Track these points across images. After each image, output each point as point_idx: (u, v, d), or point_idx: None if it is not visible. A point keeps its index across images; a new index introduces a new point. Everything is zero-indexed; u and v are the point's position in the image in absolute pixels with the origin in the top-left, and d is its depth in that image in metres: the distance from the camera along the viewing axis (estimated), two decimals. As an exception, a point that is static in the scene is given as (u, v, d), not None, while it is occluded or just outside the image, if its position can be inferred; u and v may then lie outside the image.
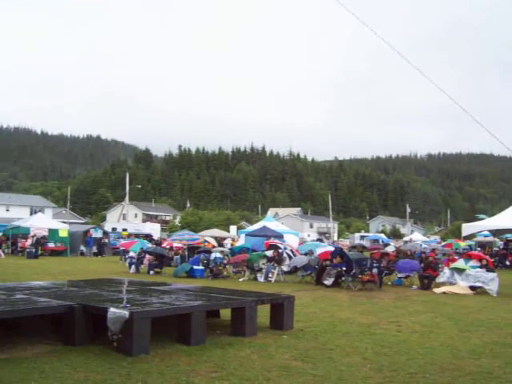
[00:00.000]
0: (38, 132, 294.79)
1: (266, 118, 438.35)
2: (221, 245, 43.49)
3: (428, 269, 23.36)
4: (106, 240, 50.74)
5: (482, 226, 40.69)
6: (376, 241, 77.11)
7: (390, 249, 33.68)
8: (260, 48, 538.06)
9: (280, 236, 37.17)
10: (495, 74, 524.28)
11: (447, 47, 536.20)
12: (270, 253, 27.00)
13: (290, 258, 27.17)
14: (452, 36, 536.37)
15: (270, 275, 24.90)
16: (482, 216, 72.85)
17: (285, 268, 25.92)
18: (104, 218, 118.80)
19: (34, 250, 41.37)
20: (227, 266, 27.82)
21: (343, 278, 22.45)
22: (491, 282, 21.15)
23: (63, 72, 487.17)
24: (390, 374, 8.47)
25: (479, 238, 53.42)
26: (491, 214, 53.09)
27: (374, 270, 22.32)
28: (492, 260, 32.89)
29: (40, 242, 44.24)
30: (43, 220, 50.84)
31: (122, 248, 39.85)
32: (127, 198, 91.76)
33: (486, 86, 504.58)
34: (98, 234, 50.93)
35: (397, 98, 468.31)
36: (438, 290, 21.36)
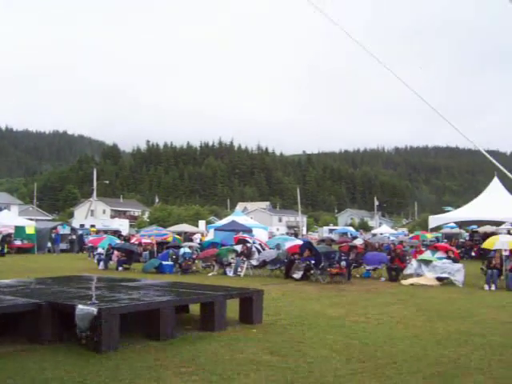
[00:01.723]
0: (3, 128, 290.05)
1: (234, 112, 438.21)
2: (190, 240, 43.37)
3: (396, 261, 23.59)
4: (74, 236, 50.19)
5: (448, 218, 41.35)
6: (344, 234, 77.70)
7: (358, 242, 33.91)
8: (230, 42, 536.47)
9: (249, 230, 37.25)
10: (464, 68, 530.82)
11: (418, 41, 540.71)
12: (239, 247, 27.02)
13: (259, 252, 27.20)
14: (422, 29, 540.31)
15: (239, 269, 24.91)
16: (448, 208, 73.90)
17: (254, 262, 25.95)
18: (72, 215, 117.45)
19: (-1, 248, 40.80)
20: (196, 261, 27.77)
21: (312, 272, 22.58)
22: (457, 272, 21.46)
23: (27, 67, 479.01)
24: (358, 365, 8.56)
25: (446, 230, 54.13)
26: (457, 206, 53.87)
27: (343, 263, 22.49)
28: (458, 251, 33.36)
29: (6, 240, 43.57)
30: (9, 217, 50.05)
31: (90, 244, 39.51)
32: (95, 194, 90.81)
33: (455, 80, 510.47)
34: (65, 230, 50.33)
35: (365, 91, 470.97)
36: (405, 282, 21.58)
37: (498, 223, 42.18)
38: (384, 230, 78.94)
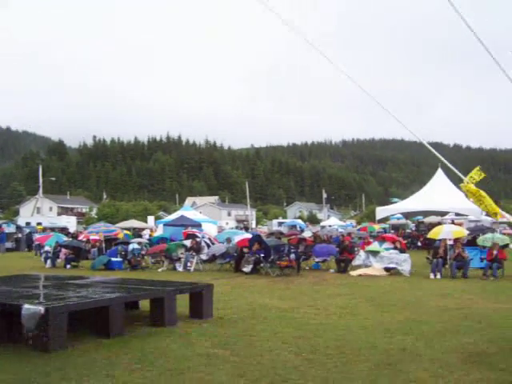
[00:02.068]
0: None
1: (181, 106, 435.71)
2: (139, 235, 43.00)
3: (344, 252, 23.91)
4: (20, 235, 49.18)
5: (394, 209, 42.11)
6: (294, 227, 78.15)
7: (307, 234, 34.20)
8: (176, 36, 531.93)
9: (198, 225, 37.16)
10: (410, 61, 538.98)
11: (362, 34, 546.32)
12: (188, 242, 26.93)
13: (209, 246, 27.20)
14: (368, 22, 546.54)
15: (188, 264, 24.84)
16: (394, 200, 75.13)
17: (203, 257, 25.91)
18: (17, 213, 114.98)
19: None
20: (146, 257, 27.59)
21: (262, 265, 22.70)
22: (404, 262, 21.90)
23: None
24: (308, 356, 8.66)
25: (393, 221, 55.05)
26: (403, 198, 54.71)
27: (292, 256, 22.70)
28: (405, 242, 33.99)
29: None
30: (-49, 216, 48.80)
31: (36, 243, 38.76)
32: (41, 191, 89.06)
33: (400, 72, 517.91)
34: (10, 229, 49.25)
35: (312, 84, 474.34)
36: (354, 273, 21.90)
37: (443, 213, 43.11)
38: (332, 222, 79.71)
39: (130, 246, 26.77)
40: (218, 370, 7.83)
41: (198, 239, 27.24)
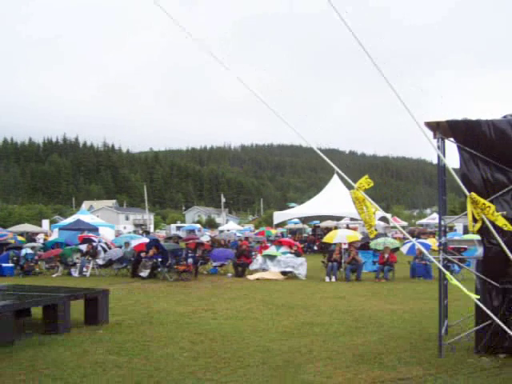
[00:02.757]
0: None
1: (79, 107, 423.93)
2: (32, 240, 41.58)
3: (241, 256, 24.07)
4: None
5: (291, 214, 42.82)
6: (192, 231, 77.96)
7: (205, 238, 34.22)
8: (72, 38, 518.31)
9: (95, 229, 36.38)
10: (304, 66, 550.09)
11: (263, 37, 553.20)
12: (84, 247, 26.32)
13: (105, 251, 26.68)
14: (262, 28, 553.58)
15: (84, 269, 24.28)
16: (292, 204, 76.62)
17: (100, 261, 25.41)
18: None
19: None
20: (39, 262, 26.69)
21: (159, 269, 22.49)
22: (300, 266, 22.33)
23: None
24: (205, 361, 8.64)
25: (290, 225, 56.04)
26: (301, 203, 55.83)
27: (190, 260, 22.64)
28: (301, 246, 34.67)
29: None
30: None
31: None
32: None
33: (298, 78, 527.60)
34: None
35: (211, 89, 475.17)
36: (251, 277, 22.09)
37: (338, 218, 44.29)
38: (231, 227, 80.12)
39: (23, 251, 25.87)
40: (112, 378, 7.67)
41: (94, 244, 26.67)
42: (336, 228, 37.97)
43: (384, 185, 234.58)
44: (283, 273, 22.38)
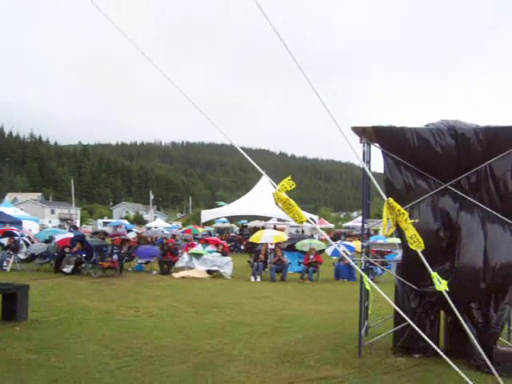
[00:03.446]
0: None
1: (4, 97, 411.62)
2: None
3: (168, 254, 23.93)
4: None
5: (219, 213, 42.86)
6: (119, 227, 76.90)
7: (132, 235, 33.85)
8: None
9: (18, 222, 35.43)
10: (236, 67, 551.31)
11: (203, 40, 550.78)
12: (4, 240, 25.56)
13: (28, 245, 25.99)
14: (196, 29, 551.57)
15: (4, 264, 23.55)
16: (221, 203, 76.48)
17: (22, 256, 24.72)
18: None
19: None
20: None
21: (83, 265, 22.08)
22: (226, 265, 22.38)
23: None
24: (126, 359, 8.55)
25: (218, 224, 56.07)
26: (229, 202, 55.87)
27: (115, 257, 22.34)
28: (228, 245, 34.74)
29: None
30: None
31: None
32: None
33: (231, 79, 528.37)
34: None
35: (144, 85, 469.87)
36: (177, 275, 21.98)
37: (266, 218, 44.55)
38: (158, 224, 79.46)
39: None
40: (29, 377, 7.49)
41: (15, 237, 25.93)
42: (263, 228, 38.19)
43: (313, 187, 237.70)
44: (209, 271, 22.38)
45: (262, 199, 37.18)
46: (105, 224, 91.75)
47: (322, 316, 13.39)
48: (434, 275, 4.20)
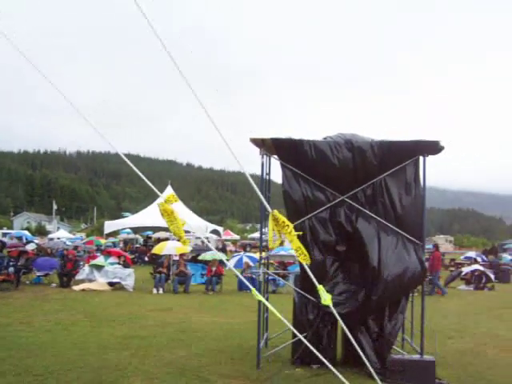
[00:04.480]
0: None
1: None
2: None
3: (68, 266, 23.21)
4: None
5: (123, 224, 42.20)
6: (19, 238, 74.21)
7: (31, 246, 32.68)
8: None
9: None
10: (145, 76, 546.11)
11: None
12: None
13: None
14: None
15: None
16: (126, 214, 75.40)
17: None
18: None
19: None
20: None
21: (-24, 279, 21.12)
22: (128, 277, 21.94)
23: None
24: (13, 378, 8.15)
25: (123, 235, 55.09)
26: (135, 212, 55.09)
27: (11, 269, 21.49)
28: (132, 256, 34.17)
29: None
30: None
31: None
32: None
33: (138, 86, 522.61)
34: None
35: (47, 92, 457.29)
36: (77, 288, 21.34)
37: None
38: (62, 235, 77.16)
39: None
40: None
41: None
42: (167, 239, 37.78)
43: (219, 198, 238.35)
44: (110, 284, 21.87)
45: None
46: (4, 235, 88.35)
47: (224, 328, 13.32)
48: (320, 288, 4.20)
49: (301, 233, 7.39)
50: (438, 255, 24.38)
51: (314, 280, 4.67)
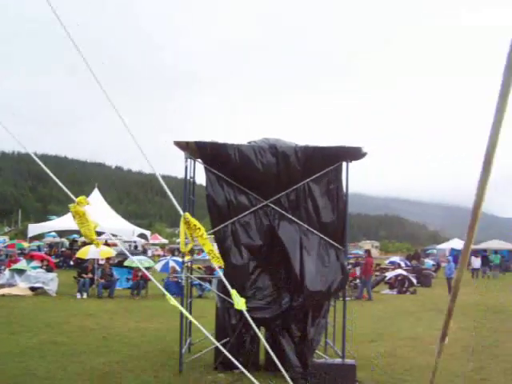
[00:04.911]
0: None
1: None
2: None
3: (-13, 271, 22.49)
4: None
5: (49, 227, 41.20)
6: None
7: None
8: None
9: None
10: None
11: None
12: None
13: None
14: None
15: None
16: (52, 217, 73.55)
17: None
18: None
19: None
20: None
21: None
22: (51, 281, 21.37)
23: None
24: None
25: (48, 239, 53.80)
26: (62, 215, 53.92)
27: None
28: (57, 260, 33.38)
29: None
30: None
31: None
32: None
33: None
34: None
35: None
36: (-3, 293, 20.68)
37: (99, 233, 43.30)
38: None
39: None
40: None
41: None
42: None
43: (148, 202, 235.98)
44: (32, 288, 21.25)
45: (93, 213, 36.14)
46: None
47: (148, 333, 13.15)
48: (233, 292, 4.17)
49: (212, 236, 7.36)
50: (370, 261, 24.76)
51: (227, 284, 4.63)
